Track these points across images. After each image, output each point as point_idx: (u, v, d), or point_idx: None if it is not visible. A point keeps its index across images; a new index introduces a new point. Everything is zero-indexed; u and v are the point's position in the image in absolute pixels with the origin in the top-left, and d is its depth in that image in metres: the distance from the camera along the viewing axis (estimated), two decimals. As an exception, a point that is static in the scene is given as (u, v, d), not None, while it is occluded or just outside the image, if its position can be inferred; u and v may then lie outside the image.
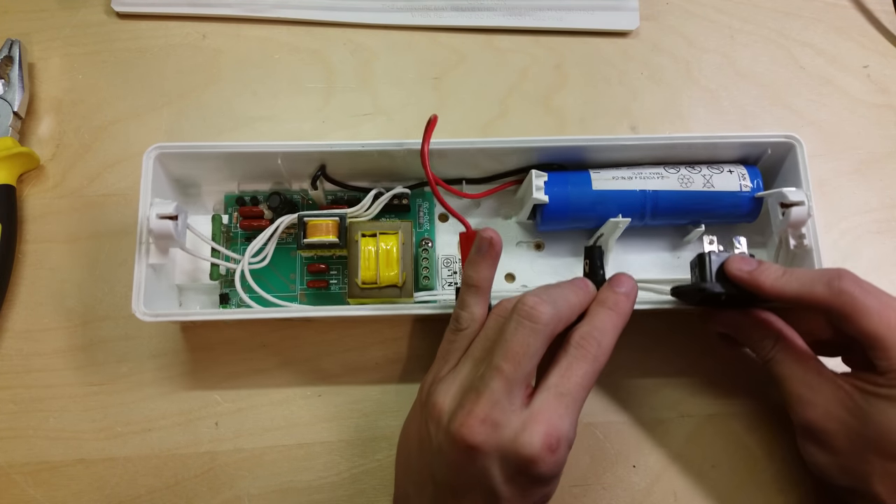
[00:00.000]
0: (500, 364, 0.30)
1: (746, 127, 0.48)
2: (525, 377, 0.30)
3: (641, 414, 0.41)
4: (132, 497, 0.39)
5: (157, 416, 0.40)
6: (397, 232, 0.39)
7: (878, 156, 0.48)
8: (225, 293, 0.41)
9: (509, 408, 0.30)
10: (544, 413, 0.30)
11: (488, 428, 0.29)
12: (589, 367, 0.31)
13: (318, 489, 0.39)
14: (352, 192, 0.43)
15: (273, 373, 0.41)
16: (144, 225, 0.38)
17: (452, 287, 0.42)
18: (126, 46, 0.48)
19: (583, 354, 0.31)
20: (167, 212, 0.37)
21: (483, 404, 0.30)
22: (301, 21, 0.49)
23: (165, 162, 0.40)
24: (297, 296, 0.42)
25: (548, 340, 0.31)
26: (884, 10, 0.51)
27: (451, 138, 0.40)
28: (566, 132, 0.47)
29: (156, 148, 0.39)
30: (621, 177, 0.41)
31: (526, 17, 0.50)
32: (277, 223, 0.40)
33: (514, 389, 0.30)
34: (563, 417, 0.30)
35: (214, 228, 0.42)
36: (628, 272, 0.35)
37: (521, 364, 0.30)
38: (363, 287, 0.38)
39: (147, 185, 0.38)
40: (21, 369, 0.41)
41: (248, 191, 0.43)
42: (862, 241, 0.45)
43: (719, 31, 0.51)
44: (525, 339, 0.30)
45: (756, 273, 0.33)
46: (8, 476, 0.39)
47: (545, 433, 0.29)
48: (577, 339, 0.32)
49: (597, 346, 0.31)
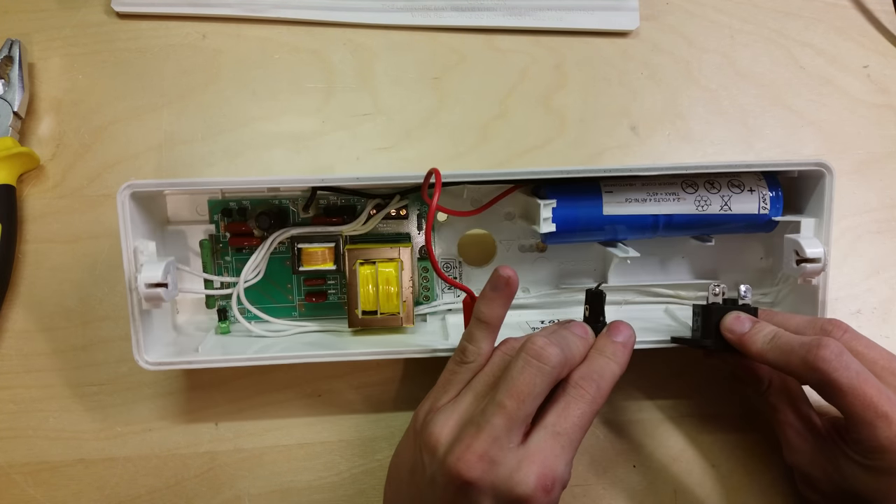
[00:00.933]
0: (504, 401, 0.30)
1: (747, 127, 0.48)
2: (526, 416, 0.30)
3: (641, 414, 0.41)
4: (132, 497, 0.39)
5: (157, 416, 0.40)
6: (396, 259, 0.39)
7: (878, 156, 0.48)
8: (223, 308, 0.41)
9: (507, 445, 0.30)
10: (541, 453, 0.30)
11: (485, 464, 0.29)
12: (586, 408, 0.31)
13: (318, 489, 0.39)
14: (347, 198, 0.42)
15: (273, 373, 0.41)
16: (133, 286, 0.36)
17: (451, 292, 0.42)
18: (126, 46, 0.48)
19: (581, 395, 0.31)
20: (156, 279, 0.35)
21: (482, 440, 0.29)
22: (301, 21, 0.49)
23: (140, 199, 0.38)
24: (295, 306, 0.42)
25: (553, 382, 0.31)
26: (884, 10, 0.51)
27: (458, 170, 0.38)
28: (566, 132, 0.47)
29: (128, 186, 0.36)
30: (634, 199, 0.39)
31: (526, 17, 0.49)
32: (270, 240, 0.40)
33: (514, 428, 0.30)
34: (558, 458, 0.30)
35: (204, 256, 0.41)
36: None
37: (524, 403, 0.30)
38: (363, 317, 0.38)
39: (126, 226, 0.36)
40: (21, 369, 0.41)
41: (233, 197, 0.42)
42: (862, 241, 0.45)
43: (719, 31, 0.51)
44: (531, 378, 0.30)
45: (745, 338, 0.34)
46: (8, 476, 0.39)
47: (541, 473, 0.29)
48: (575, 380, 0.32)
49: (595, 388, 0.32)
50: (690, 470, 0.40)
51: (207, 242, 0.41)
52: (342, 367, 0.41)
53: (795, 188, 0.41)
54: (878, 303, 0.44)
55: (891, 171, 0.47)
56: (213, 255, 0.41)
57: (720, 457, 0.40)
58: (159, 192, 0.40)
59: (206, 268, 0.41)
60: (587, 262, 0.43)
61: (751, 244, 0.44)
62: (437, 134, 0.47)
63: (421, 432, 0.32)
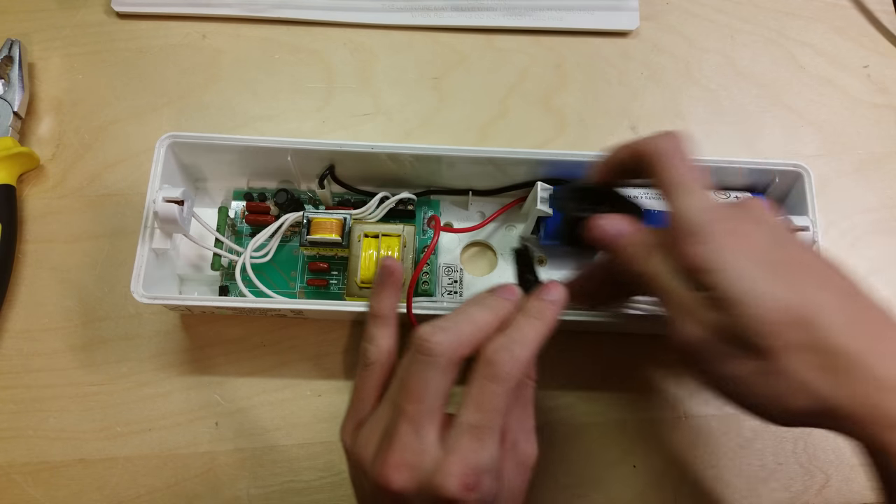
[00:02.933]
0: (404, 406, 0.29)
1: (747, 127, 0.48)
2: (431, 413, 0.29)
3: (641, 414, 0.41)
4: (132, 497, 0.39)
5: (157, 416, 0.40)
6: (400, 235, 0.39)
7: (878, 156, 0.48)
8: (225, 286, 0.42)
9: (420, 448, 0.29)
10: (457, 452, 0.28)
11: (405, 472, 0.28)
12: (499, 388, 0.29)
13: (318, 489, 0.39)
14: (358, 195, 0.43)
15: (273, 373, 0.41)
16: (150, 208, 0.38)
17: (453, 296, 0.42)
18: (126, 46, 0.48)
19: (493, 373, 0.29)
20: (174, 196, 0.37)
21: (394, 450, 0.29)
22: (301, 21, 0.49)
23: (177, 151, 0.40)
24: (296, 293, 0.42)
25: (448, 371, 0.30)
26: (884, 10, 0.51)
27: (460, 146, 0.40)
28: (566, 132, 0.47)
29: (169, 136, 0.39)
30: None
31: (526, 17, 0.50)
32: (282, 220, 0.40)
33: (421, 430, 0.29)
34: (478, 451, 0.28)
35: (220, 220, 0.42)
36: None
37: (422, 402, 0.29)
38: (362, 286, 0.38)
39: (157, 171, 0.38)
40: (21, 369, 0.41)
41: (256, 187, 0.44)
42: (862, 241, 0.45)
43: (719, 31, 0.51)
44: (421, 374, 0.29)
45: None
46: (8, 476, 0.39)
47: (461, 473, 0.28)
48: (487, 356, 0.30)
49: (509, 359, 0.29)
50: (690, 470, 0.40)
51: (225, 209, 0.42)
52: (343, 365, 0.41)
53: (780, 200, 0.42)
54: (878, 303, 0.44)
55: (891, 171, 0.47)
56: (228, 227, 0.42)
57: (720, 457, 0.40)
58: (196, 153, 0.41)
59: (220, 229, 0.42)
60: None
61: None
62: (437, 134, 0.47)
63: (351, 453, 0.32)
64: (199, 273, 0.42)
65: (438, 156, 0.40)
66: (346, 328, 0.42)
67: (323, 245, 0.40)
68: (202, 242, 0.40)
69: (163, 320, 0.42)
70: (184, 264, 0.42)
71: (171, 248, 0.40)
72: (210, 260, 0.42)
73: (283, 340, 0.42)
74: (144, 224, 0.38)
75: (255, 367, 0.41)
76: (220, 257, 0.41)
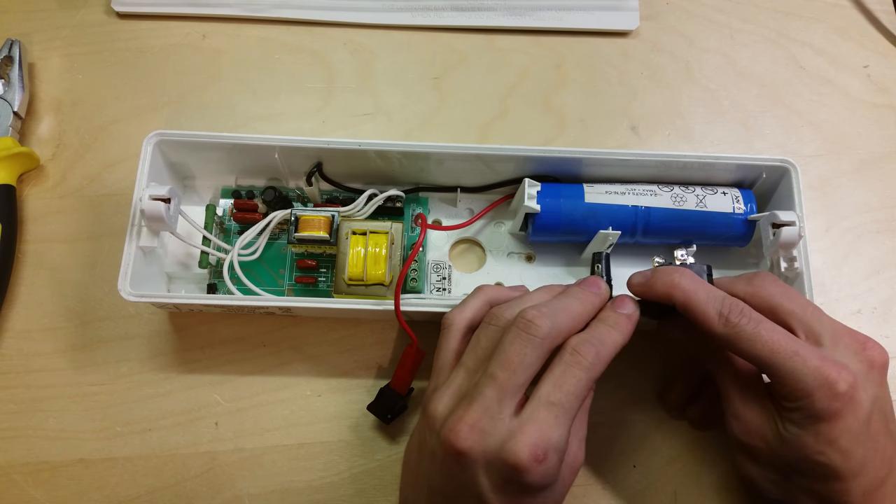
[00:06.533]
0: (496, 372, 0.30)
1: (747, 127, 0.48)
2: (519, 387, 0.30)
3: (641, 414, 0.41)
4: (132, 497, 0.39)
5: (157, 416, 0.40)
6: (388, 232, 0.39)
7: (878, 156, 0.48)
8: (213, 283, 0.42)
9: (499, 416, 0.30)
10: (534, 422, 0.29)
11: (476, 434, 0.29)
12: (583, 375, 0.30)
13: (318, 489, 0.39)
14: (347, 192, 0.43)
15: (273, 373, 0.41)
16: (137, 205, 0.38)
17: (441, 293, 0.42)
18: (126, 46, 0.48)
19: (577, 361, 0.31)
20: (160, 194, 0.37)
21: (474, 411, 0.30)
22: (301, 21, 0.49)
23: (165, 150, 0.40)
24: (284, 290, 0.42)
25: (545, 353, 0.31)
26: (884, 10, 0.51)
27: (450, 143, 0.40)
28: (566, 132, 0.47)
29: (156, 134, 0.39)
30: (614, 191, 0.40)
31: (526, 17, 0.50)
32: (270, 217, 0.40)
33: (506, 398, 0.30)
34: (552, 427, 0.29)
35: (208, 218, 0.42)
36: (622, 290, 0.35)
37: (515, 373, 0.30)
38: (350, 283, 0.38)
39: (144, 169, 0.38)
40: (21, 369, 0.41)
41: (244, 185, 0.43)
42: (862, 241, 0.45)
43: (719, 31, 0.51)
44: (522, 349, 0.30)
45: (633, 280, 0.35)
46: (8, 476, 0.39)
47: (533, 443, 0.29)
48: (574, 345, 0.31)
49: (594, 354, 0.31)
50: (690, 470, 0.40)
51: (213, 207, 0.42)
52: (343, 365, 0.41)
53: (767, 196, 0.42)
54: (878, 303, 0.44)
55: (891, 171, 0.47)
56: (216, 225, 0.42)
57: (720, 457, 0.40)
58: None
59: (207, 227, 0.42)
60: (574, 271, 0.43)
61: (737, 258, 0.44)
62: (437, 134, 0.47)
63: (423, 410, 0.33)
64: (187, 271, 0.42)
65: (427, 153, 0.40)
66: (346, 328, 0.42)
67: (311, 242, 0.40)
68: (190, 240, 0.40)
69: (163, 320, 0.42)
70: (172, 262, 0.42)
71: (159, 247, 0.40)
72: (198, 258, 0.42)
73: (283, 340, 0.42)
74: (132, 222, 0.38)
75: (255, 367, 0.41)
76: (208, 255, 0.41)
